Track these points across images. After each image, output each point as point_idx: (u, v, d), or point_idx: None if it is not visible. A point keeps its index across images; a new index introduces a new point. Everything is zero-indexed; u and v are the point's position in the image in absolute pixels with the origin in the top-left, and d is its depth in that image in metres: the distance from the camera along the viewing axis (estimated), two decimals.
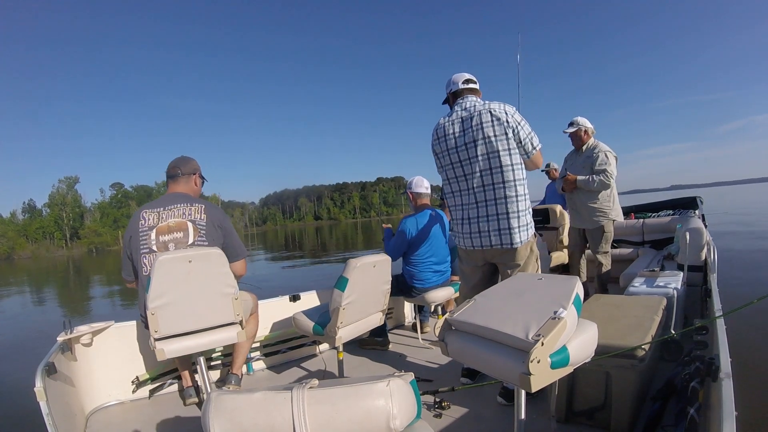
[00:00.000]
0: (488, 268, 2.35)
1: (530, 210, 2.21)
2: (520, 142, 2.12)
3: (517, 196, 2.13)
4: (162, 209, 2.19)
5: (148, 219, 2.17)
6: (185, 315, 2.03)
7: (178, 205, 2.21)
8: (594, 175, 3.62)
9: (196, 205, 2.24)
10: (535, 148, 2.15)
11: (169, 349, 2.02)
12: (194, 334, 2.08)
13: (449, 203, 2.41)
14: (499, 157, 2.11)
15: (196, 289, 2.04)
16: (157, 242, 2.13)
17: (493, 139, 2.11)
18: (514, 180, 2.13)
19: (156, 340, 1.99)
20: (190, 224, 2.18)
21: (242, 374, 2.73)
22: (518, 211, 2.13)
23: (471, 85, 2.31)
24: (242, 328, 2.19)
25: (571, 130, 3.81)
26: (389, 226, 3.63)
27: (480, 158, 2.15)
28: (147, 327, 2.00)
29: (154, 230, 2.14)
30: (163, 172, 2.42)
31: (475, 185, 2.20)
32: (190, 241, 2.17)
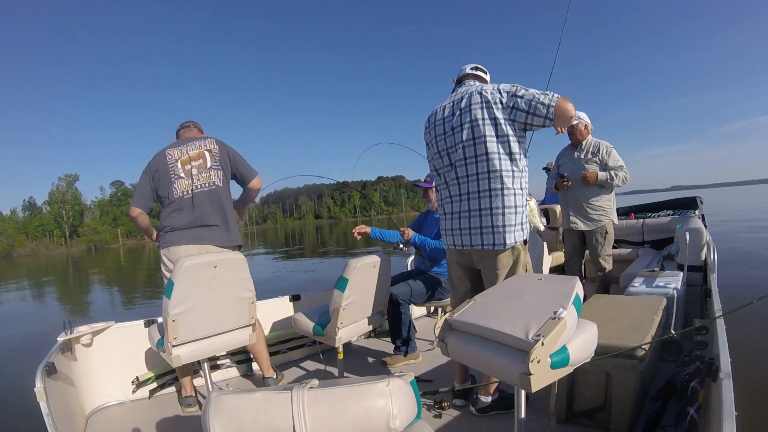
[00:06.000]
0: (474, 277, 2.09)
1: (524, 212, 1.93)
2: (533, 112, 1.77)
3: (503, 189, 1.84)
4: (182, 146, 2.52)
5: (173, 154, 2.49)
6: (204, 320, 2.05)
7: (195, 141, 2.56)
8: (614, 172, 3.36)
9: (209, 138, 2.60)
10: (551, 103, 1.74)
11: (185, 354, 2.02)
12: (209, 338, 2.10)
13: (437, 197, 2.20)
14: (485, 143, 1.84)
15: (217, 295, 2.06)
16: (183, 170, 2.45)
17: (480, 122, 1.84)
18: (501, 170, 1.84)
19: (173, 346, 1.99)
20: (206, 153, 2.52)
21: (276, 374, 2.74)
22: (503, 207, 1.85)
23: (477, 72, 2.06)
24: (254, 331, 2.28)
25: (572, 122, 3.38)
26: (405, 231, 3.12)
27: (465, 144, 1.89)
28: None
29: (179, 161, 2.47)
30: None
31: (459, 175, 1.95)
32: (209, 165, 2.51)
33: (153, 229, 2.60)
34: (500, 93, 1.84)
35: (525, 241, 1.96)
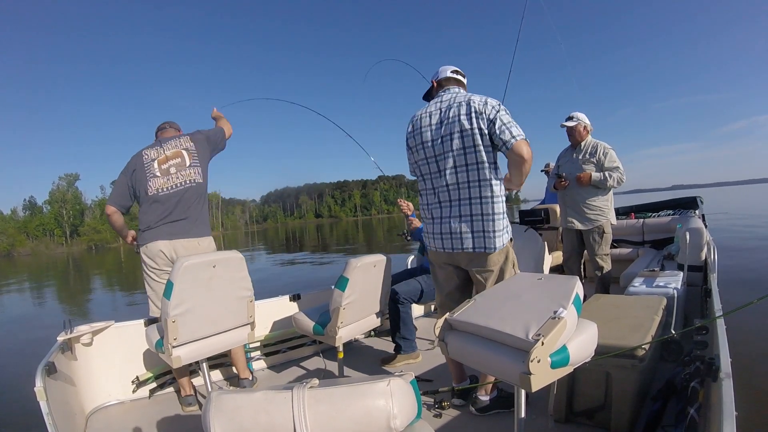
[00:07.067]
0: (462, 275, 2.14)
1: (506, 214, 2.03)
2: (498, 132, 1.87)
3: (493, 196, 1.93)
4: (159, 146, 2.60)
5: (150, 154, 2.56)
6: (204, 320, 2.05)
7: (171, 141, 2.63)
8: (608, 173, 3.42)
9: (184, 137, 2.68)
10: (515, 137, 1.85)
11: (185, 355, 2.02)
12: (208, 338, 2.11)
13: (421, 201, 2.20)
14: (475, 152, 1.91)
15: (216, 295, 2.06)
16: (159, 169, 2.52)
17: (470, 131, 1.91)
18: (490, 179, 1.92)
19: (173, 347, 1.99)
20: (184, 152, 2.61)
21: (252, 375, 2.76)
22: (493, 213, 1.93)
23: (458, 77, 2.13)
24: (252, 329, 2.29)
25: (570, 124, 3.59)
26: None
27: (455, 153, 1.95)
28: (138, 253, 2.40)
29: (156, 161, 2.54)
30: None
31: (449, 182, 2.00)
32: (188, 163, 2.58)
33: (128, 231, 2.67)
34: (486, 105, 1.92)
35: (511, 239, 2.05)
